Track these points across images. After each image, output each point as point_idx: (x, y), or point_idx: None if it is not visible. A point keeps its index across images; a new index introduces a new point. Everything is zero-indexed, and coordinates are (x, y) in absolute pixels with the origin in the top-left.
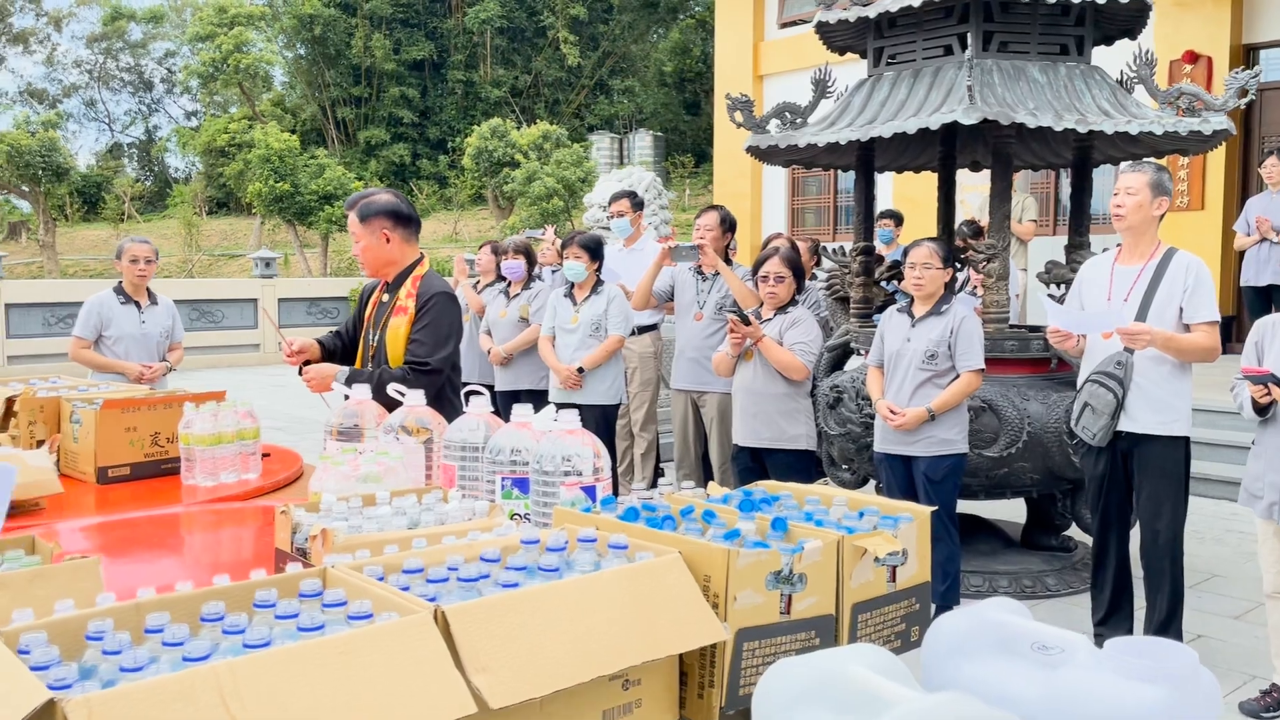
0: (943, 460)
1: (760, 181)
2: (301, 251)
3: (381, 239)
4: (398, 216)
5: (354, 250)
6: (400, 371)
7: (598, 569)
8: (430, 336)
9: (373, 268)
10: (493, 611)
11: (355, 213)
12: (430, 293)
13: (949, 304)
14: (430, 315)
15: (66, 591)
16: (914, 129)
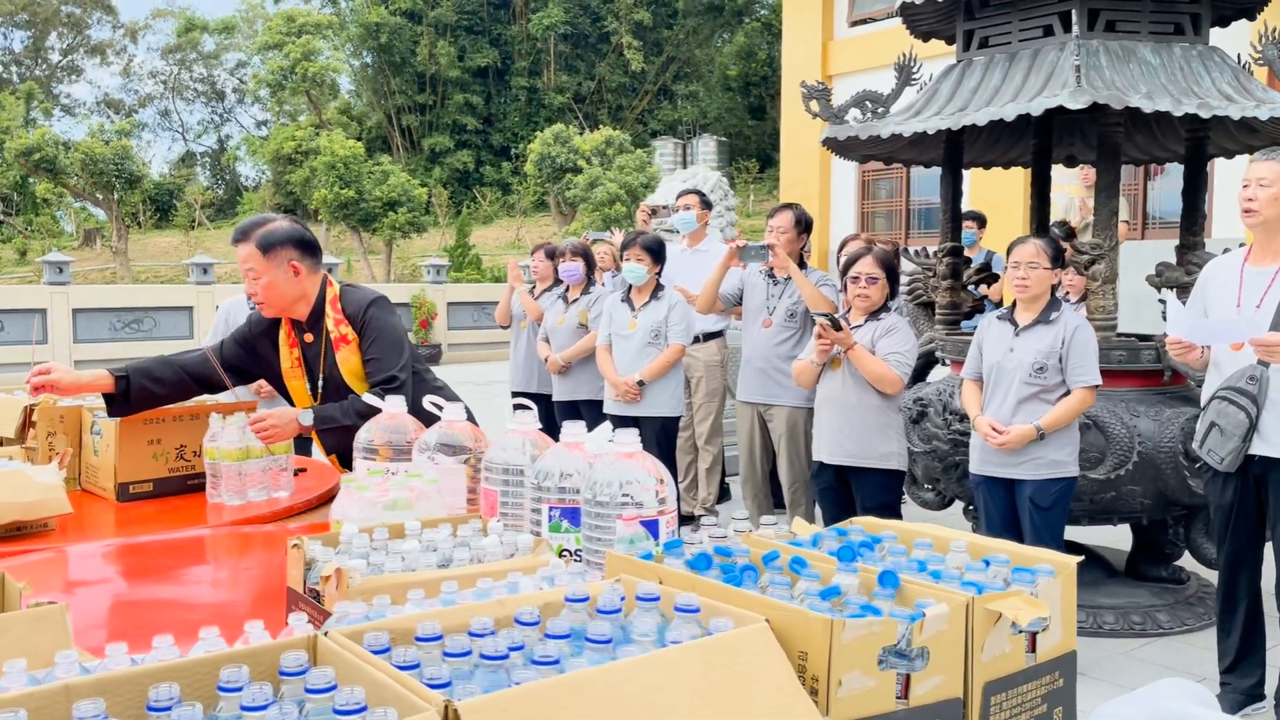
0: (1052, 484)
1: (829, 184)
2: (366, 258)
3: (289, 272)
4: (304, 245)
5: (251, 288)
6: (374, 398)
7: (662, 642)
8: (382, 350)
9: (279, 306)
10: (520, 709)
11: (253, 244)
12: (359, 307)
13: (1059, 311)
14: (373, 330)
15: (22, 647)
16: (1012, 115)
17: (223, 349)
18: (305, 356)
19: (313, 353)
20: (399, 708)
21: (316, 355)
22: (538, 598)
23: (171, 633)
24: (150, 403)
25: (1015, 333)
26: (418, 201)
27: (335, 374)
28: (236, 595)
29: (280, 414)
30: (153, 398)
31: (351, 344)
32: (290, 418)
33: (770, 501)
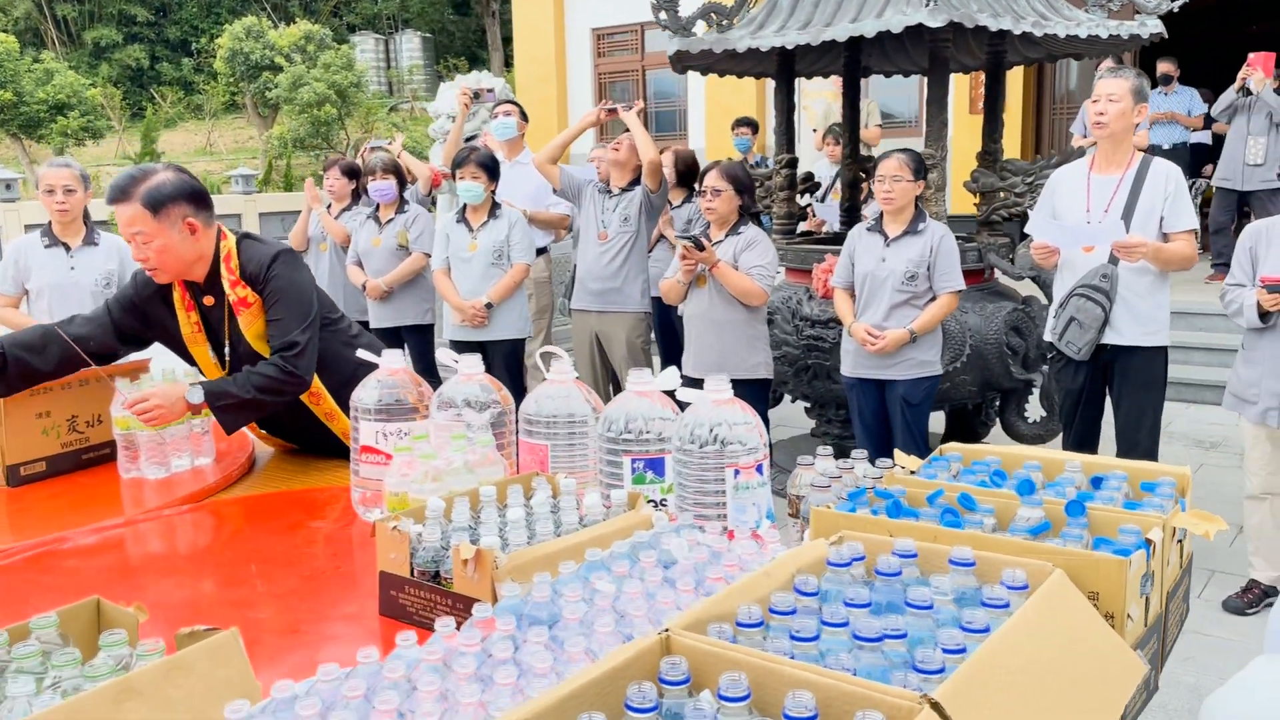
0: (922, 383)
1: (565, 87)
2: (31, 168)
3: (185, 231)
4: (197, 198)
5: (141, 253)
6: (273, 367)
7: (963, 601)
8: (283, 311)
9: (175, 270)
10: (989, 695)
11: (138, 203)
12: (260, 265)
13: (925, 222)
14: (275, 290)
15: (217, 687)
16: (872, 31)
17: (110, 315)
18: (207, 321)
19: (216, 317)
20: (869, 707)
21: (220, 320)
22: (789, 562)
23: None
24: (30, 380)
25: (886, 243)
26: (91, 104)
27: (241, 340)
28: (284, 586)
29: (164, 393)
30: (34, 375)
31: (254, 306)
32: (176, 396)
33: None
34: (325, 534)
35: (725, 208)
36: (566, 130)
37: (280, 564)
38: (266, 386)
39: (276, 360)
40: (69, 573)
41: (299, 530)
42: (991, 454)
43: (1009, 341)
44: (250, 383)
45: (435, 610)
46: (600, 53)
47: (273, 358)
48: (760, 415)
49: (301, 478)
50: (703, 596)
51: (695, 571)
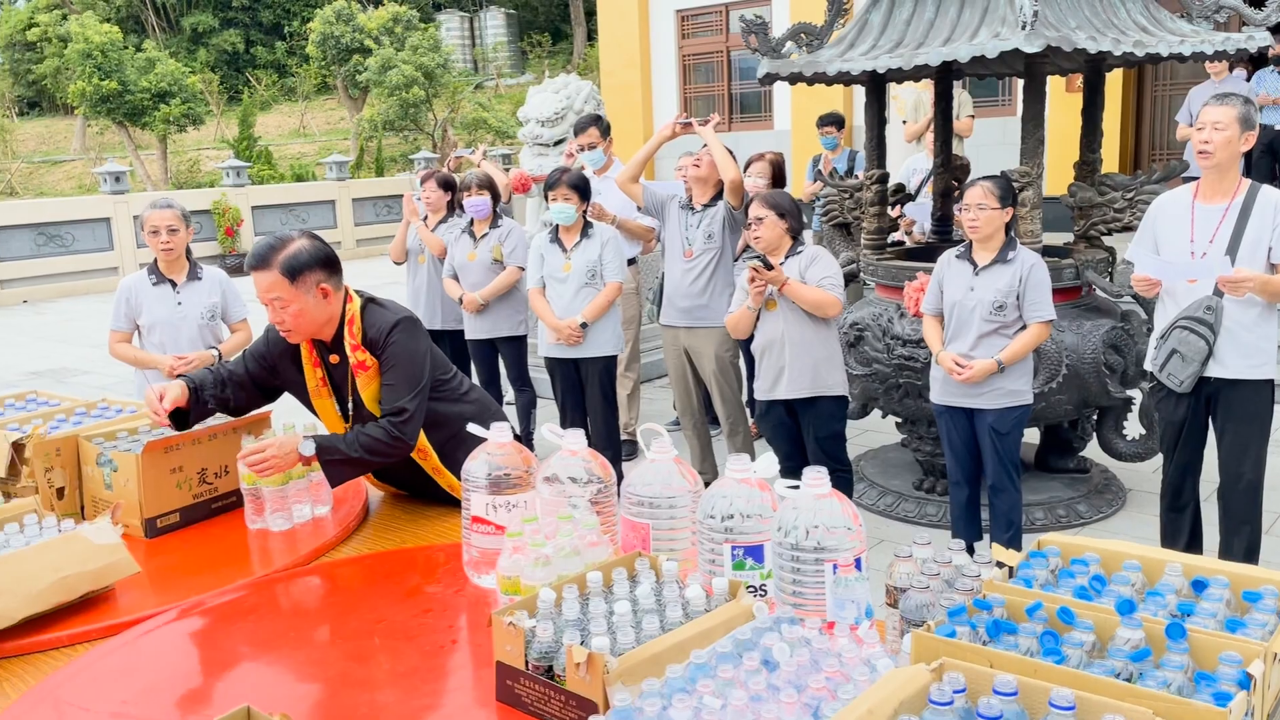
0: (1010, 412)
1: (649, 69)
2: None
3: (319, 296)
4: (330, 264)
5: (278, 317)
6: (381, 430)
7: None
8: (399, 376)
9: (308, 331)
10: None
11: (277, 271)
12: (381, 332)
13: (1015, 250)
14: (391, 357)
15: None
16: (967, 56)
17: (247, 367)
18: (331, 378)
19: (339, 375)
20: None
21: (344, 378)
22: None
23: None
24: (201, 418)
25: (975, 272)
26: (191, 90)
27: (359, 403)
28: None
29: (280, 444)
30: (203, 414)
31: (371, 369)
32: (290, 448)
33: (707, 429)
34: (440, 601)
35: (771, 234)
36: (643, 147)
37: (401, 636)
38: (372, 448)
39: (385, 424)
40: (205, 641)
41: (416, 597)
42: (1090, 550)
43: (1107, 359)
44: (359, 442)
45: (550, 704)
46: (684, 34)
47: (382, 421)
48: (839, 432)
49: (413, 528)
50: (806, 708)
51: (798, 677)
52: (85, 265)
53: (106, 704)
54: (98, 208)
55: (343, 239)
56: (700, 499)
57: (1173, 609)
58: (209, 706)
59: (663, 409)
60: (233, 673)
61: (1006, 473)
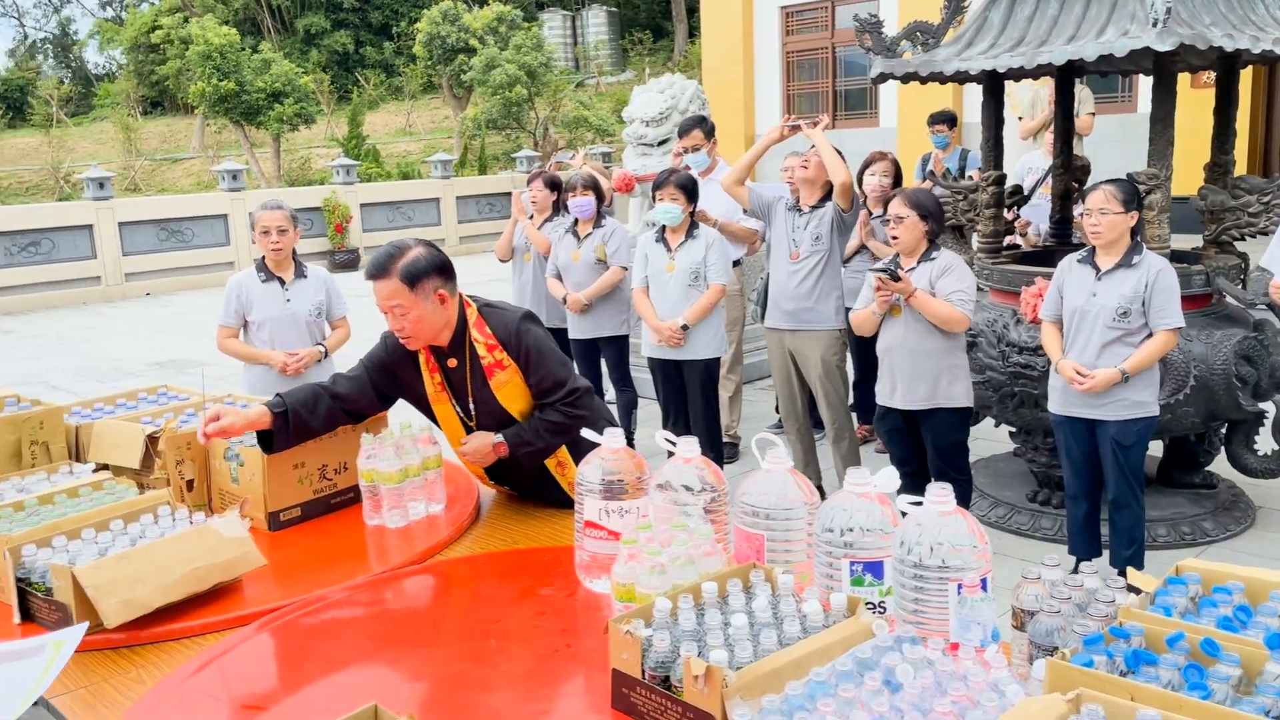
0: (1135, 424)
1: (752, 67)
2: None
3: (436, 302)
4: (446, 270)
5: (398, 324)
6: (557, 412)
7: None
8: (547, 363)
9: (427, 337)
10: None
11: (396, 279)
12: (510, 330)
13: (1141, 254)
14: (533, 348)
15: None
16: (1094, 55)
17: (368, 374)
18: (450, 382)
19: (458, 378)
20: None
21: (463, 380)
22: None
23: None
24: (304, 436)
25: (1097, 277)
26: (303, 90)
27: (488, 399)
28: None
29: (477, 449)
30: (308, 432)
31: (509, 369)
32: (489, 446)
33: (811, 433)
34: (554, 604)
35: (910, 235)
36: (750, 150)
37: (516, 639)
38: (556, 430)
39: (559, 406)
40: (328, 636)
41: (529, 599)
42: (1234, 578)
43: (1238, 371)
44: (543, 428)
45: (666, 715)
46: (788, 30)
47: (556, 404)
48: (961, 442)
49: (523, 529)
50: None
51: (922, 699)
52: (204, 260)
53: (236, 695)
54: (216, 204)
55: (447, 236)
56: (817, 511)
57: None
58: (334, 701)
59: (764, 411)
60: (354, 668)
61: (1129, 487)
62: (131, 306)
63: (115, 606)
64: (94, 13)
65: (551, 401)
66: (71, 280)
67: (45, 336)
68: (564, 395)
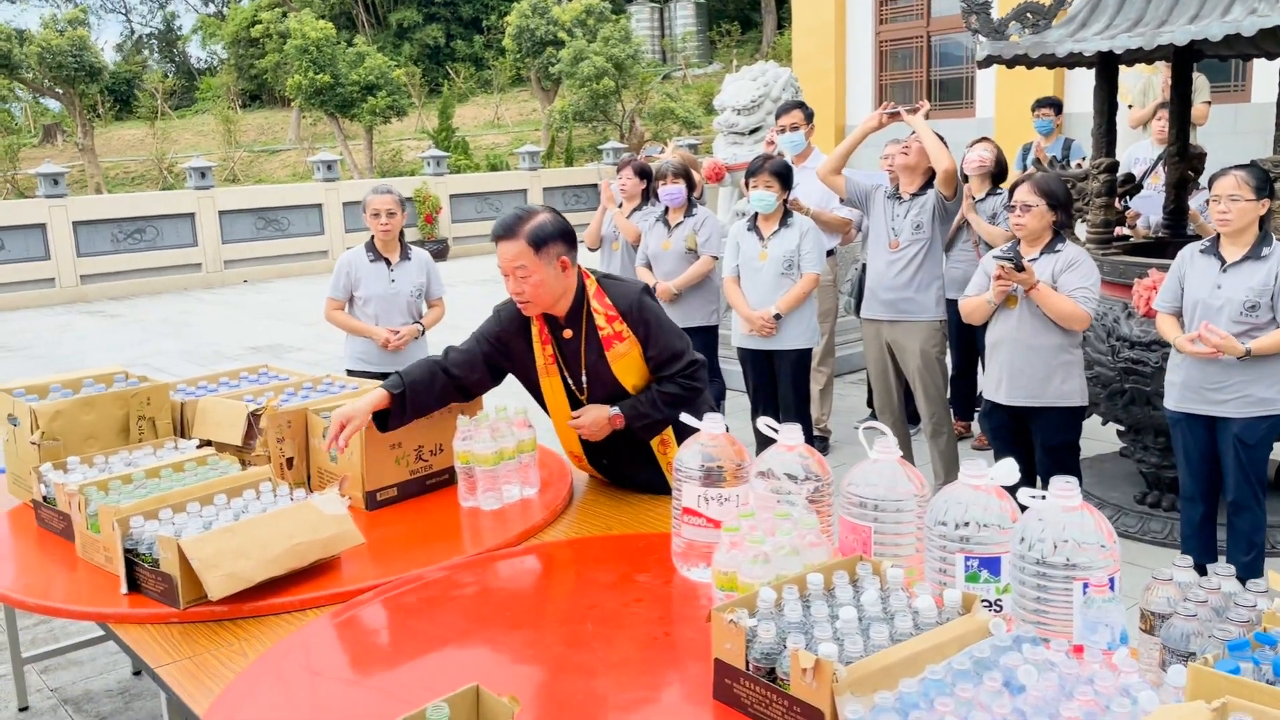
0: (1260, 422)
1: (844, 56)
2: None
3: (559, 268)
4: (570, 238)
5: (518, 287)
6: (673, 384)
7: None
8: (667, 335)
9: (546, 304)
10: None
11: (523, 241)
12: (631, 301)
13: (1270, 246)
14: (653, 320)
15: None
16: (1219, 35)
17: (480, 348)
18: (562, 354)
19: (572, 349)
20: None
21: (576, 352)
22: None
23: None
24: (419, 414)
25: (1222, 268)
26: (396, 83)
27: (602, 371)
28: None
29: (594, 415)
30: (423, 409)
31: (628, 340)
32: (605, 418)
33: (906, 428)
34: (650, 591)
35: (1037, 224)
36: (846, 139)
37: (613, 625)
38: (674, 401)
39: (678, 379)
40: (426, 615)
41: (627, 585)
42: None
43: None
44: (660, 400)
45: (771, 708)
46: (882, 19)
47: (675, 376)
48: (1073, 442)
49: (618, 515)
50: None
51: (1047, 703)
52: (299, 248)
53: (336, 670)
54: (311, 194)
55: None
56: (930, 504)
57: None
58: (433, 680)
59: (854, 405)
60: (451, 648)
61: (1251, 489)
62: (230, 293)
63: (220, 579)
64: (197, 8)
65: (670, 374)
66: (174, 267)
67: (149, 320)
68: (683, 367)
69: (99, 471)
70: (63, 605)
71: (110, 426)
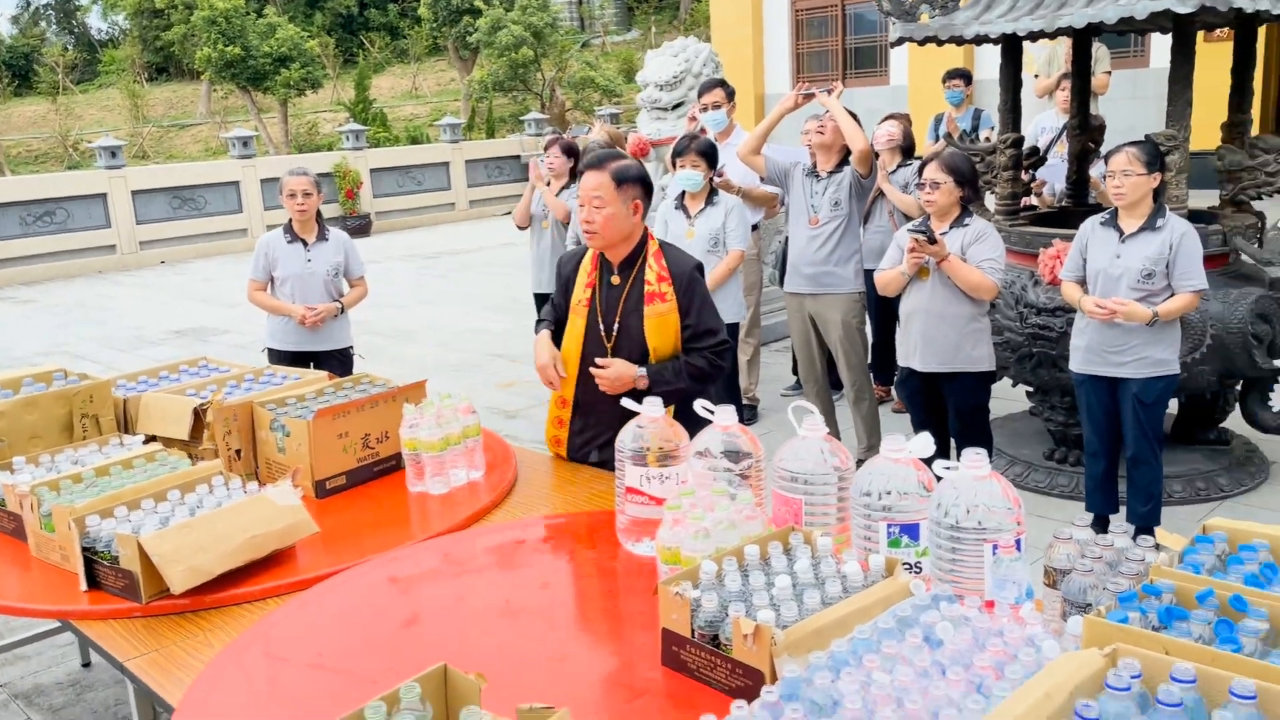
0: (1157, 382)
1: (761, 24)
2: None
3: (631, 209)
4: (648, 189)
5: (590, 215)
6: (702, 358)
7: None
8: (709, 312)
9: (607, 239)
10: None
11: (607, 174)
12: (685, 270)
13: (1164, 217)
14: (699, 295)
15: None
16: (1114, 18)
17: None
18: (599, 297)
19: (612, 297)
20: None
21: (616, 300)
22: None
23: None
24: None
25: (1121, 239)
26: (309, 55)
27: (635, 325)
28: (562, 632)
29: (618, 368)
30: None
31: (669, 303)
32: (630, 376)
33: (830, 395)
34: (598, 566)
35: (946, 200)
36: (765, 120)
37: (565, 601)
38: (697, 375)
39: (707, 353)
40: (385, 599)
41: (575, 562)
42: (1259, 536)
43: (1254, 329)
44: (686, 371)
45: (715, 671)
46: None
47: (704, 350)
48: (983, 404)
49: (561, 494)
50: (972, 686)
51: (963, 655)
52: (217, 227)
53: (304, 655)
54: (227, 172)
55: (456, 200)
56: (855, 477)
57: None
58: (398, 661)
59: (780, 373)
60: (413, 630)
61: (1149, 445)
62: (148, 275)
63: (182, 573)
64: None
65: (700, 347)
66: (87, 249)
67: (65, 305)
68: (714, 344)
69: (46, 471)
70: (23, 604)
71: (54, 425)
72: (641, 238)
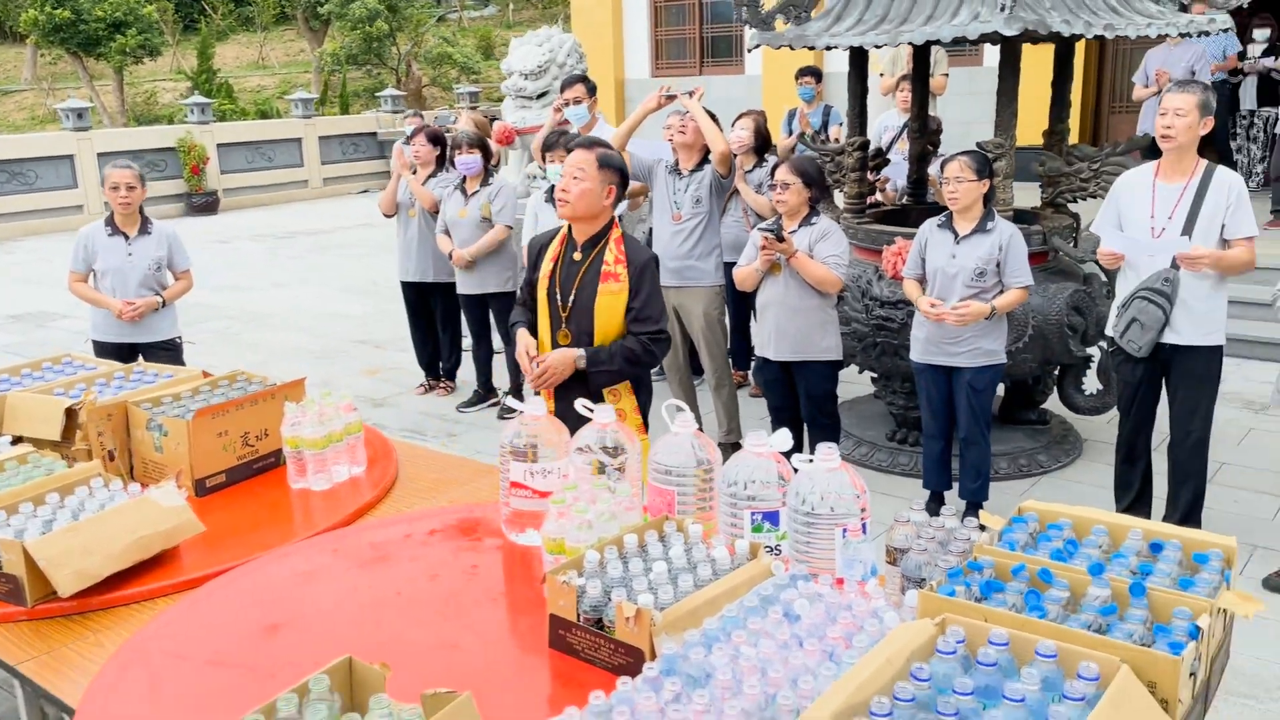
0: (986, 370)
1: (620, 10)
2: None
3: (605, 192)
4: (625, 181)
5: (565, 184)
6: (638, 344)
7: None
8: (655, 303)
9: (576, 209)
10: None
11: (593, 153)
12: (642, 260)
13: (994, 221)
14: (649, 283)
15: None
16: (949, 37)
17: (530, 280)
18: (559, 272)
19: (571, 272)
20: None
21: (574, 274)
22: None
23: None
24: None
25: (956, 240)
26: (147, 20)
27: (588, 300)
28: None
29: (560, 360)
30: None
31: (621, 284)
32: (569, 361)
33: (691, 381)
34: (484, 557)
35: (795, 199)
36: (628, 119)
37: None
38: (630, 358)
39: (643, 339)
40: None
41: (462, 553)
42: (1065, 516)
43: (1070, 320)
44: (619, 354)
45: (599, 651)
46: None
47: (640, 336)
48: (832, 390)
49: (443, 488)
50: (825, 655)
51: (817, 627)
52: (50, 203)
53: (201, 652)
54: (61, 144)
55: (309, 178)
56: (722, 469)
57: (1134, 569)
58: (297, 655)
59: None
60: (308, 624)
61: (979, 427)
62: None
63: (69, 576)
64: None
65: (639, 332)
66: None
67: None
68: (652, 332)
69: None
70: None
71: None
72: (608, 223)
